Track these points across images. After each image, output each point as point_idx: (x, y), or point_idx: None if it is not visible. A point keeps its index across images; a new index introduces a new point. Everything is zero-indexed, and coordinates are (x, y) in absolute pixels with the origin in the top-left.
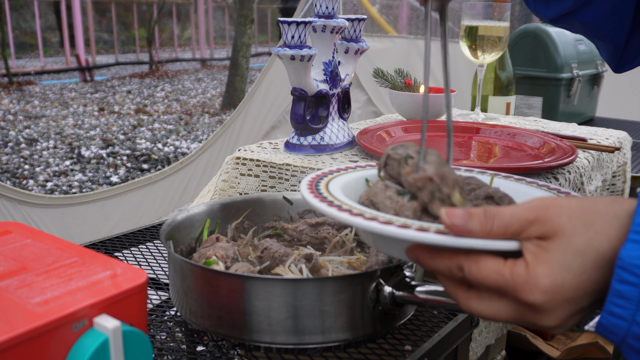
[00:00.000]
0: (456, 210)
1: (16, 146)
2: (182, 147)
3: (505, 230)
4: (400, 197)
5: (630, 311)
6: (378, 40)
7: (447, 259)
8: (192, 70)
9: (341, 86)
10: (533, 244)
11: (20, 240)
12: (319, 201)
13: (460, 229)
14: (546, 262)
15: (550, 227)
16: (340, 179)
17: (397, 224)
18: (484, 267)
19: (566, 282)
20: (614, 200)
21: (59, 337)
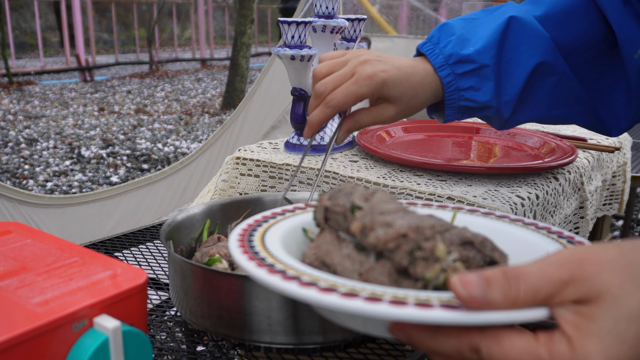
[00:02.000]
0: (471, 279)
1: (16, 146)
2: (182, 147)
3: (535, 296)
4: (362, 255)
5: None
6: (378, 40)
7: (455, 339)
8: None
9: None
10: (571, 312)
11: (20, 240)
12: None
13: (479, 302)
14: (594, 335)
15: (591, 287)
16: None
17: (388, 300)
18: (509, 346)
19: (622, 356)
20: None
21: (59, 337)
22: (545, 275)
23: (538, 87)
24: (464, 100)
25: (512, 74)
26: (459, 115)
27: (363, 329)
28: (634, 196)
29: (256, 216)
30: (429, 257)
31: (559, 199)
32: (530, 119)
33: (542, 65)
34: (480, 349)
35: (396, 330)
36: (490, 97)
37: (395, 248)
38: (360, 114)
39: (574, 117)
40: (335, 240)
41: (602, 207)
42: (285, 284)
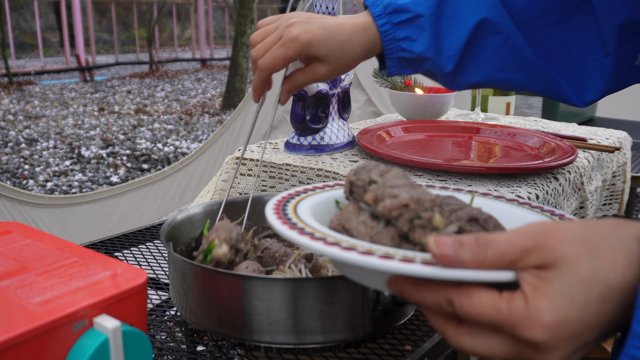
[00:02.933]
0: (445, 239)
1: (16, 146)
2: (182, 147)
3: (501, 259)
4: (375, 222)
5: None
6: None
7: (434, 292)
8: (192, 70)
9: (341, 86)
10: (532, 275)
11: (20, 240)
12: (288, 228)
13: (451, 260)
14: (547, 295)
15: (550, 256)
16: (309, 201)
17: (379, 254)
18: (477, 301)
19: (570, 316)
20: (619, 224)
21: (59, 337)
22: (511, 242)
23: (483, 46)
24: (401, 50)
25: (455, 29)
26: (401, 68)
27: (368, 283)
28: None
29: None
30: (426, 226)
31: (559, 199)
32: (478, 80)
33: (485, 22)
34: (453, 302)
35: (391, 284)
36: (426, 48)
37: (398, 216)
38: (296, 74)
39: (524, 82)
40: (357, 209)
41: (602, 207)
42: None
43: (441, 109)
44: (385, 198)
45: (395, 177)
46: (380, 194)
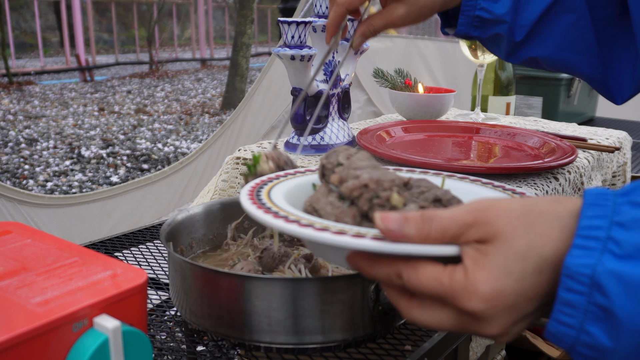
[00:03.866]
0: (391, 215)
1: (16, 146)
2: (182, 147)
3: (444, 234)
4: (341, 202)
5: (578, 319)
6: (378, 40)
7: (386, 267)
8: (192, 70)
9: (341, 86)
10: (472, 248)
11: (20, 240)
12: (256, 208)
13: (396, 234)
14: (485, 268)
15: (489, 230)
16: (285, 185)
17: (333, 231)
18: (422, 274)
19: (506, 287)
20: (557, 200)
21: (59, 337)
22: (454, 218)
23: (555, 22)
24: (480, 9)
25: None
26: (471, 28)
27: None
28: None
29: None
30: (385, 205)
31: None
32: (539, 55)
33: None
34: (402, 275)
35: (349, 259)
36: (506, 12)
37: (359, 196)
38: (373, 17)
39: (580, 65)
40: (327, 191)
41: None
42: (275, 221)
43: (441, 109)
44: (348, 179)
45: (360, 159)
46: (345, 175)
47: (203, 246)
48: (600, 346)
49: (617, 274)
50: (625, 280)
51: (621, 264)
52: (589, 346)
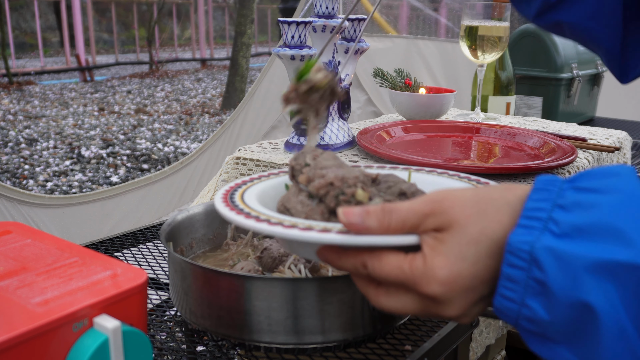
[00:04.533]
0: (353, 209)
1: (16, 146)
2: (182, 147)
3: (403, 224)
4: (310, 200)
5: (519, 294)
6: (378, 40)
7: (352, 258)
8: (192, 70)
9: (341, 86)
10: (430, 237)
11: (20, 240)
12: (229, 210)
13: (358, 227)
14: (442, 254)
15: (445, 219)
16: (259, 186)
17: (301, 227)
18: (385, 263)
19: (462, 271)
20: (507, 188)
21: (59, 337)
22: (412, 209)
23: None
24: None
25: None
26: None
27: (305, 255)
28: None
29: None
30: (350, 200)
31: None
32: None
33: None
34: (367, 265)
35: (319, 253)
36: None
37: (325, 193)
38: None
39: (602, 38)
40: (297, 190)
41: None
42: (246, 221)
43: (441, 109)
44: (315, 178)
45: (326, 159)
46: (312, 175)
47: (203, 246)
48: (538, 319)
49: (552, 250)
50: (559, 256)
51: (557, 241)
52: (529, 320)
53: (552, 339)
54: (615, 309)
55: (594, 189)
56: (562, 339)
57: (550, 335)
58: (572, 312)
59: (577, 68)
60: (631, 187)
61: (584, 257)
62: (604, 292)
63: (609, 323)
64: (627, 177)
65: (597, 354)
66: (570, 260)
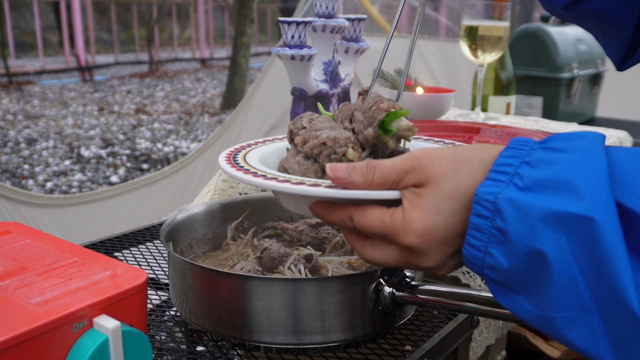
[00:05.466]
0: (340, 165)
1: (16, 146)
2: (181, 147)
3: (386, 180)
4: (306, 161)
5: (483, 242)
6: (378, 40)
7: (340, 212)
8: (191, 70)
9: (341, 86)
10: (410, 192)
11: (20, 240)
12: (230, 167)
13: (344, 181)
14: (419, 207)
15: (423, 175)
16: (261, 150)
17: (293, 182)
18: (369, 216)
19: (438, 224)
20: (482, 147)
21: (58, 337)
22: (394, 166)
23: None
24: None
25: None
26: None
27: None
28: None
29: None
30: (342, 159)
31: None
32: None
33: None
34: (353, 218)
35: (311, 208)
36: None
37: (319, 153)
38: None
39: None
40: (295, 152)
41: None
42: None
43: (441, 108)
44: (310, 139)
45: (321, 122)
46: (307, 137)
47: (203, 246)
48: (499, 267)
49: (513, 200)
50: (519, 206)
51: (519, 193)
52: (492, 268)
53: (514, 289)
54: (565, 258)
55: (559, 148)
56: (522, 289)
57: (511, 284)
58: (528, 260)
59: (577, 68)
60: (591, 148)
61: (540, 207)
62: (556, 241)
63: (560, 271)
64: (590, 140)
65: (550, 303)
66: (528, 210)
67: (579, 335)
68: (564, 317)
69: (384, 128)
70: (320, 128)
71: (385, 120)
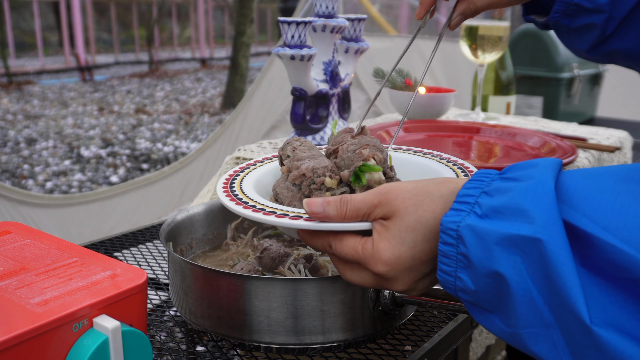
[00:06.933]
0: (315, 200)
1: (16, 146)
2: (181, 147)
3: (357, 213)
4: (293, 186)
5: (452, 267)
6: (378, 40)
7: (321, 239)
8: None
9: (341, 86)
10: (378, 224)
11: (19, 240)
12: (225, 196)
13: (320, 215)
14: (386, 239)
15: (389, 209)
16: (256, 173)
17: (278, 214)
18: (345, 244)
19: (402, 254)
20: (443, 182)
21: (58, 337)
22: (364, 200)
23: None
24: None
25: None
26: (564, 17)
27: (291, 234)
28: None
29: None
30: (321, 188)
31: None
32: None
33: None
34: (331, 245)
35: (298, 234)
36: (607, 1)
37: (300, 183)
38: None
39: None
40: (285, 177)
41: None
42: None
43: (441, 108)
44: (292, 170)
45: (302, 150)
46: (290, 166)
47: (203, 246)
48: (468, 289)
49: (472, 227)
50: (477, 232)
51: (478, 220)
52: (463, 290)
53: (486, 309)
54: (522, 277)
55: (514, 177)
56: (492, 308)
57: (482, 304)
58: (490, 282)
59: (577, 68)
60: (541, 175)
61: (495, 232)
62: (512, 262)
63: (519, 290)
64: (542, 168)
65: (515, 320)
66: (484, 235)
67: (543, 349)
68: (529, 333)
69: (357, 175)
70: (301, 158)
71: (360, 169)
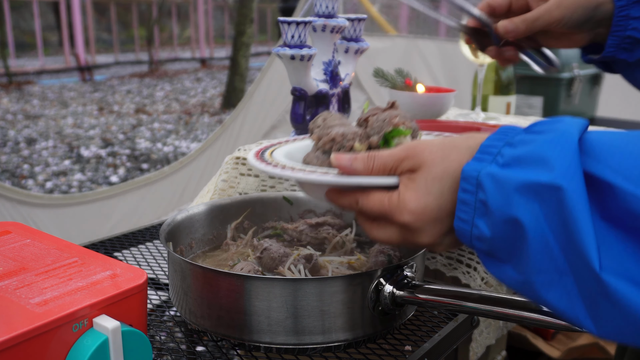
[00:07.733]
0: (344, 155)
1: (15, 146)
2: (181, 146)
3: (384, 167)
4: (323, 154)
5: (470, 215)
6: (378, 39)
7: (348, 197)
8: (191, 69)
9: (341, 86)
10: (405, 177)
11: (19, 240)
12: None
13: (347, 169)
14: (412, 189)
15: (416, 161)
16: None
17: (307, 171)
18: (371, 199)
19: (429, 203)
20: (470, 136)
21: (58, 337)
22: (391, 154)
23: None
24: (631, 29)
25: None
26: (619, 50)
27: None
28: None
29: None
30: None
31: None
32: None
33: None
34: (358, 202)
35: (326, 195)
36: None
37: (330, 148)
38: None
39: None
40: (315, 148)
41: None
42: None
43: (441, 108)
44: (323, 136)
45: (333, 119)
46: (321, 134)
47: (203, 246)
48: (484, 237)
49: (493, 175)
50: (497, 179)
51: (498, 169)
52: (478, 238)
53: (500, 258)
54: (539, 224)
55: (538, 130)
56: (506, 257)
57: (496, 253)
58: (507, 228)
59: (577, 67)
60: (565, 128)
61: (515, 179)
62: (530, 209)
63: (535, 237)
64: (566, 122)
65: (528, 267)
66: (504, 182)
67: (555, 296)
68: (542, 280)
69: (386, 140)
70: (331, 125)
71: (389, 134)
